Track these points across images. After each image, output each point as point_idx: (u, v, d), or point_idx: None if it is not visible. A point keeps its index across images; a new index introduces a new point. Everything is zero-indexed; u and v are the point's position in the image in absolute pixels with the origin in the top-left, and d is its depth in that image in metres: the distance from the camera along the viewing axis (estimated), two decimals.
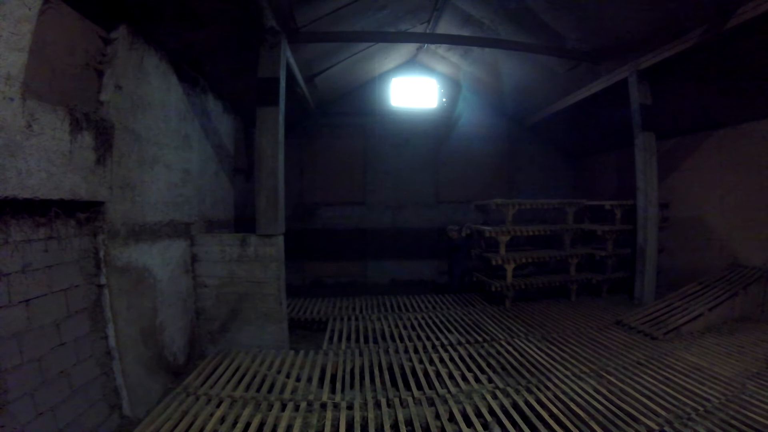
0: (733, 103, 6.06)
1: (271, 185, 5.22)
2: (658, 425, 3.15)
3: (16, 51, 2.50)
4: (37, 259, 2.83)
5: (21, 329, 2.65)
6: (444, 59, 9.83)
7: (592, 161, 10.54)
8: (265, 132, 5.23)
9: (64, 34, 3.10)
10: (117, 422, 3.49)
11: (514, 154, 11.02)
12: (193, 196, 5.48)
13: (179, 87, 5.01)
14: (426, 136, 10.68)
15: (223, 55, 5.61)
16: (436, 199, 10.80)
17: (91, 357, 3.32)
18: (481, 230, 7.45)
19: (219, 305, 5.26)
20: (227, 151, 7.08)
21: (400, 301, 7.75)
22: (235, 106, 7.31)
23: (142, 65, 4.12)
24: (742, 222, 6.34)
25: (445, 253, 9.21)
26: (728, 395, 3.60)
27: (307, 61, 7.21)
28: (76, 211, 3.24)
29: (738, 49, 5.12)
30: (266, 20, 4.97)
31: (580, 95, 7.81)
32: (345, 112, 10.50)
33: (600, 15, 5.79)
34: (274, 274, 5.19)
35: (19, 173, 2.57)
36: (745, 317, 5.71)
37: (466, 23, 7.63)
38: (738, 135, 6.39)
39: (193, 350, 5.13)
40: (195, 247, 5.26)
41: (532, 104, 9.62)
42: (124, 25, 3.71)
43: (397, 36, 7.88)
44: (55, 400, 2.87)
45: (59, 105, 2.95)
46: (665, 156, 7.39)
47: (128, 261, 3.84)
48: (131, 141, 3.91)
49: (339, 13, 6.18)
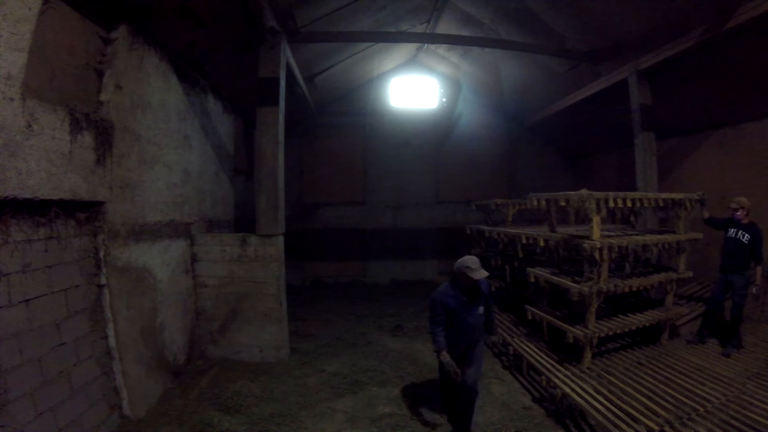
0: (733, 103, 6.06)
1: (271, 185, 5.22)
2: (658, 425, 3.15)
3: (16, 51, 2.50)
4: (37, 259, 2.83)
5: (21, 329, 2.65)
6: (444, 59, 9.83)
7: (592, 161, 10.53)
8: (265, 132, 5.23)
9: (64, 34, 3.10)
10: (117, 422, 3.49)
11: (514, 154, 11.02)
12: (193, 196, 5.48)
13: (179, 87, 5.01)
14: (426, 136, 10.68)
15: (223, 55, 5.61)
16: (436, 199, 10.80)
17: (91, 357, 3.32)
18: (564, 284, 4.57)
19: (219, 305, 5.25)
20: (227, 151, 7.07)
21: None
22: (235, 106, 7.31)
23: (142, 65, 4.12)
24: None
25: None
26: (729, 395, 3.59)
27: (307, 61, 7.21)
28: (76, 211, 3.24)
29: (738, 49, 5.12)
30: (266, 20, 4.97)
31: (580, 95, 7.81)
32: (345, 112, 10.50)
33: (600, 15, 5.79)
34: (274, 274, 5.19)
35: (19, 173, 2.57)
36: (745, 317, 5.69)
37: (466, 23, 7.63)
38: (738, 135, 6.39)
39: (193, 350, 5.13)
40: (195, 247, 5.26)
41: (532, 104, 9.62)
42: (124, 25, 3.71)
43: (397, 36, 7.88)
44: (55, 400, 2.87)
45: (59, 105, 2.95)
46: (665, 156, 7.38)
47: (128, 261, 3.83)
48: (131, 141, 3.91)
49: (339, 13, 6.18)
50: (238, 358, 5.20)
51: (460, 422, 3.52)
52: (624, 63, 6.46)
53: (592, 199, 4.19)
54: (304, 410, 4.02)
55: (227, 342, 5.25)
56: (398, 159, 10.62)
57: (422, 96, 10.80)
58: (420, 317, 7.42)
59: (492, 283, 6.82)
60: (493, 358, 5.40)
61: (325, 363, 5.23)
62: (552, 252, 5.13)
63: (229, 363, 5.10)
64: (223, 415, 3.86)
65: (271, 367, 5.01)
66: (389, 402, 4.22)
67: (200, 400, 4.15)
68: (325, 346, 5.87)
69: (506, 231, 6.08)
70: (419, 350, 5.71)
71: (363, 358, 5.40)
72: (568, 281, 4.47)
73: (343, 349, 5.79)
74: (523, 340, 5.14)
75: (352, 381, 4.70)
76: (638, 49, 6.01)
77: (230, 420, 3.77)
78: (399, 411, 4.02)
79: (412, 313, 7.74)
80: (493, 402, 4.17)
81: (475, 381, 3.45)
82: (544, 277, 4.86)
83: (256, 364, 5.10)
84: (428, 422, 3.78)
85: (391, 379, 4.77)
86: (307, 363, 5.20)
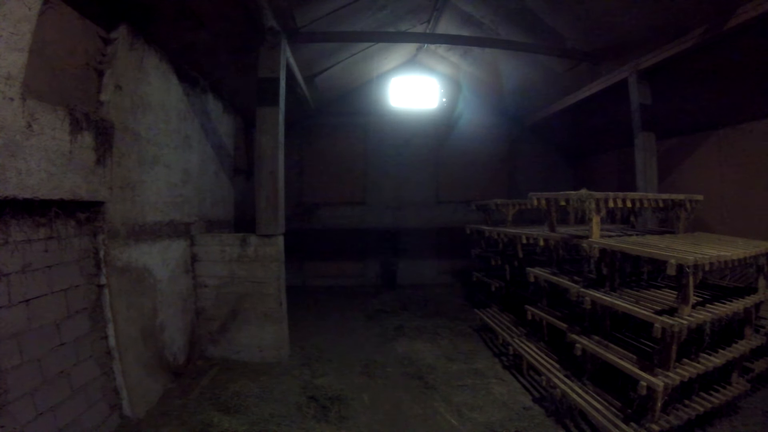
0: (733, 103, 6.06)
1: (271, 185, 5.22)
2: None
3: (16, 51, 2.50)
4: (37, 259, 2.83)
5: (21, 329, 2.65)
6: (444, 59, 9.83)
7: (592, 161, 10.53)
8: (265, 132, 5.23)
9: (64, 34, 3.10)
10: (117, 422, 3.49)
11: (514, 154, 11.02)
12: (193, 196, 5.48)
13: (179, 87, 5.01)
14: (426, 136, 10.68)
15: (223, 55, 5.61)
16: (436, 199, 10.80)
17: (91, 357, 3.32)
18: (563, 284, 4.32)
19: (219, 305, 5.25)
20: (227, 151, 7.08)
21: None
22: (235, 106, 7.31)
23: (142, 65, 4.12)
24: (743, 222, 6.34)
25: None
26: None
27: (307, 61, 7.21)
28: (76, 211, 3.24)
29: (738, 49, 5.12)
30: (266, 20, 4.97)
31: (580, 95, 7.81)
32: (345, 112, 10.50)
33: (600, 15, 5.79)
34: (274, 274, 5.19)
35: (19, 173, 2.57)
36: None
37: (465, 23, 7.63)
38: (738, 135, 6.39)
39: (193, 350, 5.13)
40: (195, 247, 5.26)
41: (532, 104, 9.62)
42: (124, 25, 3.71)
43: (397, 36, 7.88)
44: (55, 400, 2.87)
45: (59, 105, 2.95)
46: (665, 156, 7.38)
47: (128, 261, 3.84)
48: (131, 141, 3.91)
49: (339, 13, 6.17)
50: (238, 358, 5.20)
51: None
52: (624, 63, 6.46)
53: (592, 199, 4.14)
54: (303, 410, 4.01)
55: (227, 342, 5.25)
56: (398, 159, 10.62)
57: (422, 96, 10.80)
58: (420, 317, 7.44)
59: (492, 283, 6.84)
60: (493, 358, 5.41)
61: (325, 363, 5.23)
62: (552, 252, 5.12)
63: (229, 363, 5.10)
64: (223, 415, 3.86)
65: (271, 367, 5.01)
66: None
67: (200, 400, 4.15)
68: (326, 346, 5.87)
69: (506, 231, 6.07)
70: (419, 350, 5.72)
71: (364, 358, 5.40)
72: (567, 281, 4.44)
73: (344, 349, 5.79)
74: (523, 340, 5.13)
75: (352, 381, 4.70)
76: (638, 49, 6.01)
77: (230, 420, 3.77)
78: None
79: (412, 313, 7.74)
80: (493, 402, 4.17)
81: None
82: (544, 277, 4.84)
83: (256, 364, 5.10)
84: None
85: (393, 377, 4.78)
86: (307, 363, 5.20)
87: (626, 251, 3.68)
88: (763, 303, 3.96)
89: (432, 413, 4.01)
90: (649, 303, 3.52)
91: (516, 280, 6.55)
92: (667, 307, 3.38)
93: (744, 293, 3.99)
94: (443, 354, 5.58)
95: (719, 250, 3.48)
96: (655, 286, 4.16)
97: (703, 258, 3.18)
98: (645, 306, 3.44)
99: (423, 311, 7.87)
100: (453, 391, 4.45)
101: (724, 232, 6.69)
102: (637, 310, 3.38)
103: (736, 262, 3.51)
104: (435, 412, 4.04)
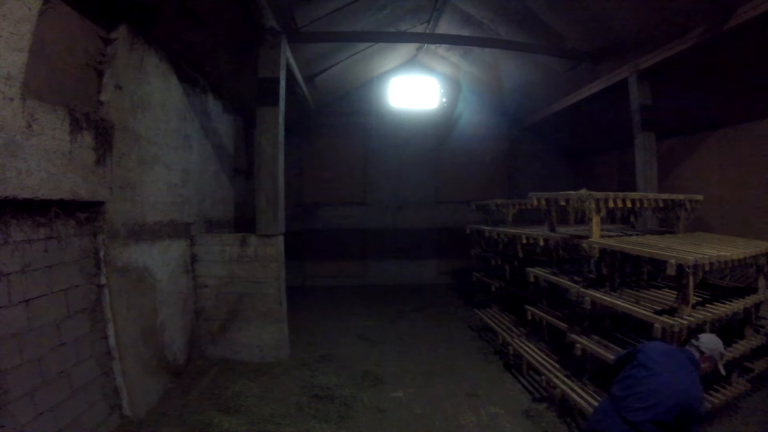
0: (733, 103, 6.05)
1: (271, 185, 5.22)
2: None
3: (16, 51, 2.50)
4: (37, 259, 2.83)
5: (21, 329, 2.65)
6: (444, 59, 9.83)
7: (592, 161, 10.53)
8: (265, 132, 5.23)
9: (64, 34, 3.10)
10: (117, 422, 3.49)
11: (514, 154, 11.01)
12: (193, 196, 5.48)
13: (179, 87, 5.01)
14: (426, 136, 10.68)
15: (223, 55, 5.61)
16: (436, 199, 10.80)
17: (91, 357, 3.31)
18: (563, 284, 4.33)
19: (219, 305, 5.25)
20: (227, 151, 7.08)
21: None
22: (235, 106, 7.31)
23: (142, 65, 4.12)
24: (743, 222, 6.33)
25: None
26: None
27: (307, 61, 7.21)
28: (76, 211, 3.24)
29: (738, 49, 5.12)
30: (266, 20, 4.97)
31: (580, 95, 7.81)
32: (345, 112, 10.50)
33: (600, 15, 5.79)
34: (274, 274, 5.19)
35: (19, 173, 2.57)
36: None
37: (466, 23, 7.62)
38: (738, 135, 6.39)
39: (193, 350, 5.13)
40: (195, 247, 5.26)
41: (532, 104, 9.61)
42: (124, 25, 3.71)
43: (397, 36, 7.88)
44: (55, 400, 2.87)
45: (59, 105, 2.95)
46: (665, 156, 7.38)
47: (128, 261, 3.83)
48: (131, 141, 3.91)
49: (339, 13, 6.17)
50: (238, 358, 5.20)
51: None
52: (624, 63, 6.46)
53: (592, 199, 4.14)
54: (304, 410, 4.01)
55: (227, 342, 5.25)
56: (398, 159, 10.62)
57: (422, 96, 10.79)
58: (419, 317, 7.44)
59: (492, 283, 6.83)
60: (493, 357, 5.42)
61: (325, 363, 5.23)
62: (552, 252, 5.12)
63: (229, 363, 5.10)
64: (223, 415, 3.86)
65: (271, 367, 5.00)
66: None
67: (200, 400, 4.15)
68: (326, 346, 5.87)
69: (506, 231, 6.07)
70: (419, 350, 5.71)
71: (364, 358, 5.39)
72: (567, 281, 4.43)
73: (344, 349, 5.79)
74: (523, 340, 5.13)
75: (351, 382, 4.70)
76: (638, 49, 6.01)
77: (230, 420, 3.77)
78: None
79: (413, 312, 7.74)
80: (494, 402, 4.18)
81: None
82: (543, 277, 4.84)
83: (256, 364, 5.10)
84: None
85: (389, 378, 4.78)
86: (307, 363, 5.20)
87: (626, 251, 3.69)
88: (762, 303, 3.98)
89: (432, 413, 4.01)
90: (649, 303, 3.54)
91: (516, 280, 6.56)
92: (667, 307, 3.40)
93: (744, 293, 4.00)
94: (443, 354, 5.58)
95: (719, 250, 3.49)
96: (655, 286, 4.16)
97: (703, 258, 3.19)
98: (645, 306, 3.46)
99: (423, 311, 7.87)
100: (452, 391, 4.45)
101: (723, 232, 6.68)
102: (637, 310, 3.40)
103: (736, 262, 3.53)
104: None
